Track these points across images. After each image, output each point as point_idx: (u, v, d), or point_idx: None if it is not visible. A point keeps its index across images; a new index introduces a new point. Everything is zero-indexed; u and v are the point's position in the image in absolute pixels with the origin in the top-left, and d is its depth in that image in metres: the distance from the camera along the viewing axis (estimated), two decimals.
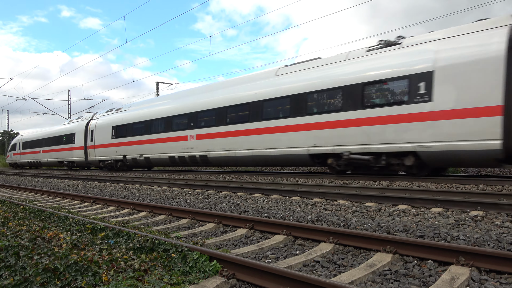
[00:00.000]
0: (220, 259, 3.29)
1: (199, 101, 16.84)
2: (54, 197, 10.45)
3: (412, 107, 9.79)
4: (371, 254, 3.77)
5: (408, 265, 3.41)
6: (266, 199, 7.76)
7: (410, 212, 5.83)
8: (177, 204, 7.86)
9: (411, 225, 4.94)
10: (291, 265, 3.41)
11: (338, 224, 5.17)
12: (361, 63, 11.04)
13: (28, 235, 4.26)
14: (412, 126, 9.78)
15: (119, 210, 7.56)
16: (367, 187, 8.35)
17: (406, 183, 9.33)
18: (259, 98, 13.94)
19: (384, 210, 6.08)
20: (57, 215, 6.09)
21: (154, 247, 3.81)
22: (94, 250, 3.65)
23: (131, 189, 11.36)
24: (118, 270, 3.00)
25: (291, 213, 6.16)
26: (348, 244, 4.02)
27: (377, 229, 4.78)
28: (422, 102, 9.62)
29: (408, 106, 9.86)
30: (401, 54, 10.23)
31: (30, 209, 6.98)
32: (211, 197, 8.67)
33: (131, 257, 3.43)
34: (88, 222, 5.24)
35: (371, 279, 3.10)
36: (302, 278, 2.66)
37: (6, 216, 5.95)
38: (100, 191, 11.42)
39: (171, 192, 9.99)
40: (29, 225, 5.12)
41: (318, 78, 12.01)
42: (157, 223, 6.04)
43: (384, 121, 10.28)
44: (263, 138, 13.67)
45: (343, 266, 3.52)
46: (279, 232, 4.65)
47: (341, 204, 6.75)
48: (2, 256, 3.24)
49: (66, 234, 4.55)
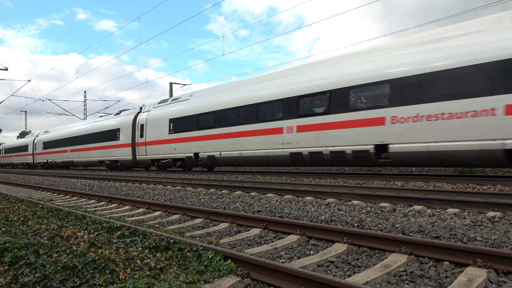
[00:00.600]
0: (234, 259, 3.32)
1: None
2: (71, 196, 10.64)
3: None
4: (386, 254, 3.75)
5: (424, 266, 3.38)
6: (280, 199, 7.77)
7: (425, 212, 5.76)
8: (191, 203, 7.92)
9: (426, 225, 4.88)
10: (305, 265, 3.42)
11: (352, 224, 5.14)
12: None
13: (47, 234, 4.36)
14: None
15: (134, 209, 7.66)
16: (381, 187, 8.28)
17: (421, 183, 9.22)
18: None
19: (399, 210, 6.03)
20: (74, 214, 6.21)
21: (170, 246, 3.86)
22: (111, 248, 3.71)
23: (146, 189, 11.49)
24: (135, 268, 3.05)
25: (305, 213, 6.16)
26: (363, 244, 4.00)
27: (392, 229, 4.74)
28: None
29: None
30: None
31: (48, 208, 7.13)
32: (225, 197, 8.71)
33: (147, 255, 3.48)
34: (105, 221, 5.33)
35: (386, 280, 3.08)
36: (316, 278, 2.66)
37: (26, 215, 6.10)
38: (115, 190, 11.59)
39: (185, 192, 10.07)
40: (48, 224, 5.23)
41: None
42: (171, 223, 6.10)
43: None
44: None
45: (358, 266, 3.50)
46: (292, 232, 4.66)
47: (355, 204, 6.72)
48: (23, 253, 3.32)
49: (84, 232, 4.64)
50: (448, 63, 9.52)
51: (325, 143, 12.19)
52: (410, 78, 10.11)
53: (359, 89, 11.36)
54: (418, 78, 9.95)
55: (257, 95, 14.75)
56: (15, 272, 2.93)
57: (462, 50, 9.40)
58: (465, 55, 9.27)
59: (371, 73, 11.12)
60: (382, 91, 10.79)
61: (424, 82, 9.87)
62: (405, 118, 10.20)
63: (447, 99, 9.44)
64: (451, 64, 9.45)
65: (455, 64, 9.38)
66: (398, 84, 10.37)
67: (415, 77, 10.01)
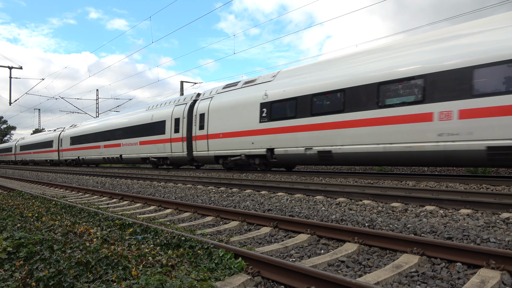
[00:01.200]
0: (245, 257, 3.33)
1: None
2: (83, 193, 10.79)
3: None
4: (397, 255, 3.73)
5: (436, 267, 3.35)
6: (290, 198, 7.77)
7: (437, 213, 5.71)
8: (201, 202, 7.97)
9: (438, 226, 4.83)
10: (315, 264, 3.42)
11: (363, 224, 5.12)
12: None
13: (60, 230, 4.43)
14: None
15: (145, 207, 7.74)
16: (392, 187, 8.21)
17: (434, 183, 9.12)
18: None
19: (410, 210, 5.98)
20: (87, 211, 6.30)
21: (181, 243, 3.89)
22: (123, 245, 3.76)
23: (157, 187, 11.59)
24: (147, 265, 3.09)
25: (315, 212, 6.15)
26: (374, 244, 3.99)
27: (403, 230, 4.71)
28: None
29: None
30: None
31: (61, 205, 7.24)
32: (235, 195, 8.74)
33: (159, 252, 3.52)
34: (117, 218, 5.40)
35: (397, 281, 3.06)
36: (327, 278, 2.66)
37: (40, 211, 6.21)
38: (127, 188, 11.71)
39: (195, 190, 10.13)
40: (61, 220, 5.32)
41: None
42: (182, 220, 6.15)
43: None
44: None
45: (369, 266, 3.49)
46: (303, 231, 4.65)
47: (366, 204, 6.68)
48: (37, 249, 3.39)
49: (97, 229, 4.70)
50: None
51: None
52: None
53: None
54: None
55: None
56: (30, 267, 2.98)
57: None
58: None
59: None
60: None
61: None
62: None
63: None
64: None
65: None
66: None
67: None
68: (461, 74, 9.25)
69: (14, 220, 5.23)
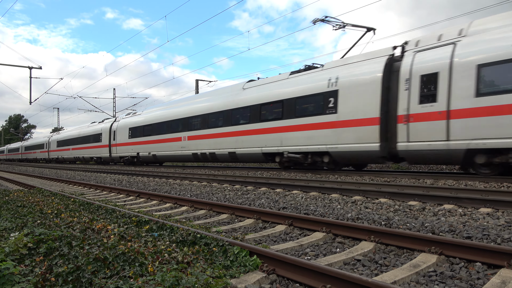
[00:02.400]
0: (260, 255, 3.33)
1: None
2: (101, 190, 10.97)
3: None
4: (414, 254, 3.67)
5: (455, 266, 3.29)
6: (305, 196, 7.73)
7: (456, 212, 5.59)
8: (216, 199, 8.01)
9: (457, 225, 4.74)
10: (331, 263, 3.39)
11: (379, 223, 5.06)
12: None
13: (79, 226, 4.51)
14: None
15: (161, 204, 7.82)
16: (410, 186, 8.09)
17: (452, 181, 8.95)
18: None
19: (428, 209, 5.87)
20: (104, 208, 6.40)
21: (196, 240, 3.92)
22: (139, 242, 3.81)
23: (172, 184, 11.70)
24: (163, 261, 3.12)
25: (331, 210, 6.10)
26: (391, 243, 3.93)
27: (421, 229, 4.63)
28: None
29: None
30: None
31: (79, 202, 7.38)
32: (250, 193, 8.75)
33: (174, 249, 3.55)
34: (134, 215, 5.47)
35: (415, 280, 3.01)
36: (343, 276, 2.64)
37: (59, 208, 6.34)
38: (143, 185, 11.86)
39: (210, 188, 10.19)
40: (80, 217, 5.42)
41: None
42: (198, 218, 6.19)
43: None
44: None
45: (385, 265, 3.45)
46: (318, 230, 4.63)
47: (383, 202, 6.60)
48: (57, 245, 3.46)
49: (114, 226, 4.78)
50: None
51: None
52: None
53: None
54: None
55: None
56: (49, 263, 3.05)
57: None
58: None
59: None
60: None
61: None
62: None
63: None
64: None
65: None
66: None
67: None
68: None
69: (34, 217, 5.36)
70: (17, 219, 5.14)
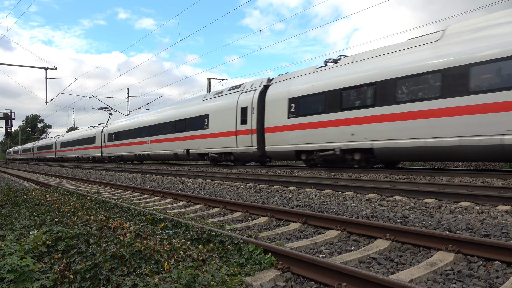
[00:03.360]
0: (274, 252, 3.33)
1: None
2: (116, 189, 11.12)
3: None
4: (431, 252, 3.62)
5: (473, 265, 3.24)
6: (318, 194, 7.70)
7: (473, 209, 5.50)
8: (230, 197, 8.03)
9: (475, 223, 4.66)
10: (346, 261, 3.37)
11: (394, 220, 5.01)
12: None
13: (95, 224, 4.58)
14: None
15: (175, 202, 7.88)
16: (425, 183, 7.98)
17: (469, 178, 8.80)
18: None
19: (444, 207, 5.79)
20: (120, 206, 6.48)
21: (211, 238, 3.94)
22: (155, 239, 3.85)
23: (186, 183, 11.78)
24: (178, 259, 3.14)
25: (345, 208, 6.07)
26: (406, 241, 3.89)
27: (437, 227, 4.57)
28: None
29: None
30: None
31: (95, 200, 7.49)
32: (263, 191, 8.76)
33: (190, 247, 3.57)
34: (149, 213, 5.53)
35: (432, 279, 2.98)
36: (358, 274, 2.62)
37: (76, 206, 6.44)
38: (157, 184, 11.97)
39: (224, 186, 10.23)
40: (96, 215, 5.50)
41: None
42: (212, 216, 6.22)
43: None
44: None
45: (401, 264, 3.41)
46: (333, 228, 4.61)
47: (398, 200, 6.53)
48: (74, 242, 3.52)
49: (129, 224, 4.83)
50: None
51: None
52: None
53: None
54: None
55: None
56: (68, 260, 3.10)
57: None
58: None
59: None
60: None
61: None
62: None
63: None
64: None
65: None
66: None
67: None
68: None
69: (52, 215, 5.46)
70: (36, 217, 5.24)
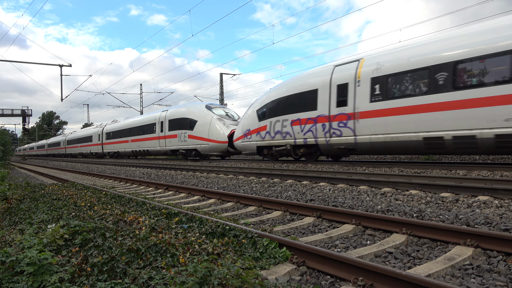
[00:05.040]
0: (289, 246, 3.32)
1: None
2: (131, 184, 11.24)
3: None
4: (449, 247, 3.56)
5: (492, 260, 3.17)
6: (333, 188, 7.65)
7: (492, 203, 5.39)
8: (243, 192, 8.04)
9: (494, 217, 4.56)
10: (362, 255, 3.34)
11: (411, 215, 4.94)
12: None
13: (111, 218, 4.63)
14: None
15: (189, 196, 7.93)
16: (441, 177, 7.85)
17: (487, 172, 8.62)
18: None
19: (462, 201, 5.69)
20: (135, 201, 6.55)
21: (225, 232, 3.95)
22: (170, 233, 3.87)
23: (200, 177, 11.83)
24: (193, 253, 3.16)
25: (359, 202, 6.01)
26: (423, 236, 3.84)
27: (455, 221, 4.49)
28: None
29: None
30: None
31: (111, 195, 7.58)
32: (276, 185, 8.74)
33: (204, 241, 3.59)
34: (163, 208, 5.57)
35: (450, 273, 2.93)
36: (375, 269, 2.59)
37: (92, 201, 6.53)
38: (171, 178, 12.06)
39: (237, 180, 10.24)
40: (112, 209, 5.56)
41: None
42: (225, 210, 6.24)
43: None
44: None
45: (418, 258, 3.36)
46: (347, 222, 4.57)
47: (413, 194, 6.43)
48: (91, 236, 3.56)
49: (145, 218, 4.88)
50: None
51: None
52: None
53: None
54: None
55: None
56: (85, 253, 3.15)
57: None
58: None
59: None
60: None
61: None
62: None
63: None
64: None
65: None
66: None
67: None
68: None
69: (69, 209, 5.55)
70: (53, 212, 5.33)
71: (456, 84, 9.69)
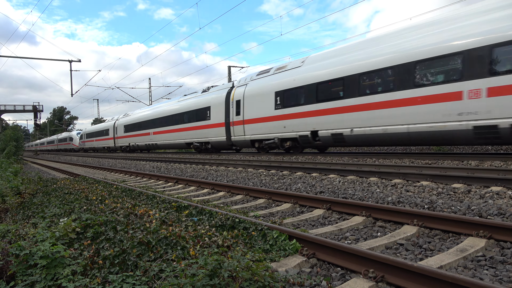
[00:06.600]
0: (299, 239, 3.31)
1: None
2: (141, 177, 11.33)
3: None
4: (461, 238, 3.52)
5: (506, 251, 3.13)
6: (342, 180, 7.61)
7: (505, 194, 5.31)
8: (253, 184, 8.05)
9: (507, 208, 4.49)
10: (372, 247, 3.32)
11: (422, 206, 4.89)
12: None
13: (122, 212, 4.67)
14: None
15: (199, 190, 7.96)
16: (453, 167, 7.76)
17: (499, 162, 8.49)
18: None
19: (474, 192, 5.61)
20: (145, 194, 6.60)
21: (235, 225, 3.95)
22: (180, 226, 3.89)
23: (209, 170, 11.87)
24: (204, 245, 3.17)
25: (370, 194, 5.97)
26: (435, 227, 3.80)
27: (467, 212, 4.44)
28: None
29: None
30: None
31: (122, 189, 7.65)
32: (286, 178, 8.73)
33: (214, 234, 3.60)
34: (173, 201, 5.60)
35: (462, 265, 2.89)
36: (386, 260, 2.57)
37: (103, 195, 6.60)
38: (181, 172, 12.12)
39: (246, 173, 10.25)
40: (123, 203, 5.61)
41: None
42: (235, 203, 6.25)
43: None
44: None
45: (430, 250, 3.33)
46: (358, 214, 4.54)
47: (425, 185, 6.37)
48: (103, 229, 3.60)
49: (155, 211, 4.91)
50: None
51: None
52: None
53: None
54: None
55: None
56: (97, 246, 3.18)
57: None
58: None
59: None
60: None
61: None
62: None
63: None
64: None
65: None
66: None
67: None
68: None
69: (81, 203, 5.61)
70: (65, 206, 5.40)
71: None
